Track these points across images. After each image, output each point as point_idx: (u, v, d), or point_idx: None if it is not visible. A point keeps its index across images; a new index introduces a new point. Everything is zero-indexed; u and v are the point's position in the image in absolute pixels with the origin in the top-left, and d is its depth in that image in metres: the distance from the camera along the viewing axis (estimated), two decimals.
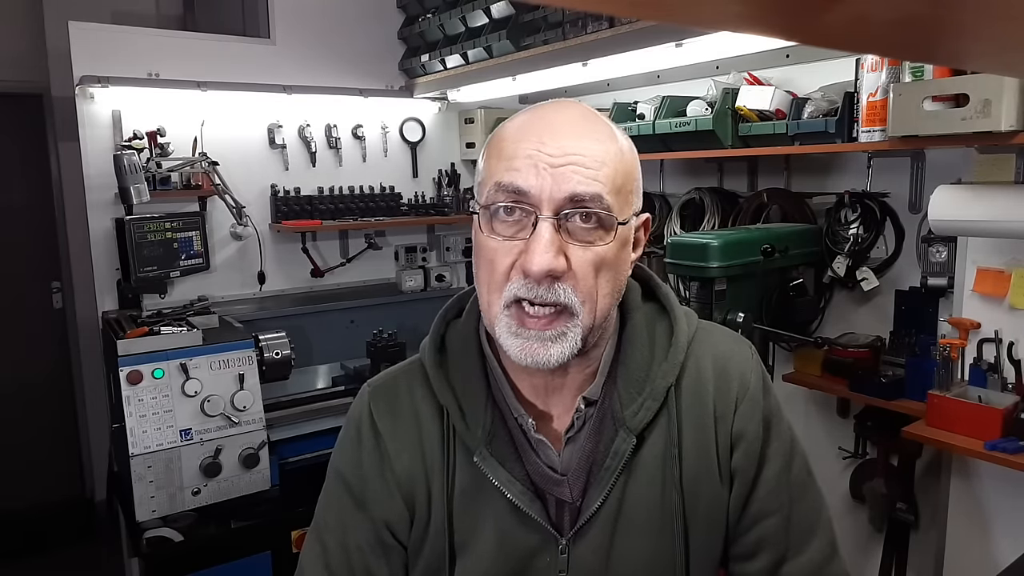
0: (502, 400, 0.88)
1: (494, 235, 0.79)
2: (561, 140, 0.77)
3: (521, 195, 0.77)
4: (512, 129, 0.81)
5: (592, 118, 0.82)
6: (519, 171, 0.77)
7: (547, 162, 0.76)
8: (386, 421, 0.90)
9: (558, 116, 0.81)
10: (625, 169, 0.80)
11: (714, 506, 0.87)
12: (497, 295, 0.79)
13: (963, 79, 1.61)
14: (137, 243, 2.50)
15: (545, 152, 0.77)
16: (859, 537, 2.30)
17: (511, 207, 0.77)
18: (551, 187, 0.76)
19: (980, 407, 1.77)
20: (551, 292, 0.76)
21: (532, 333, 0.77)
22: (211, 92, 2.85)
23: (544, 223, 0.76)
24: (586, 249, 0.77)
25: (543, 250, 0.75)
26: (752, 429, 0.88)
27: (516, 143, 0.79)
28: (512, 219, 0.78)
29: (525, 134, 0.79)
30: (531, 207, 0.77)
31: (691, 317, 0.93)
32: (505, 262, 0.78)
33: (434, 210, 3.41)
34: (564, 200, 0.76)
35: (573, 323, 0.78)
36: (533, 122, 0.81)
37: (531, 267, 0.75)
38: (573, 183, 0.76)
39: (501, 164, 0.79)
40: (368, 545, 0.89)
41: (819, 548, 0.89)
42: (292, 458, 2.48)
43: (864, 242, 2.09)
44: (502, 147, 0.80)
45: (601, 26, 2.30)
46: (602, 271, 0.78)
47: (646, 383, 0.86)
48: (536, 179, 0.76)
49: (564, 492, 0.86)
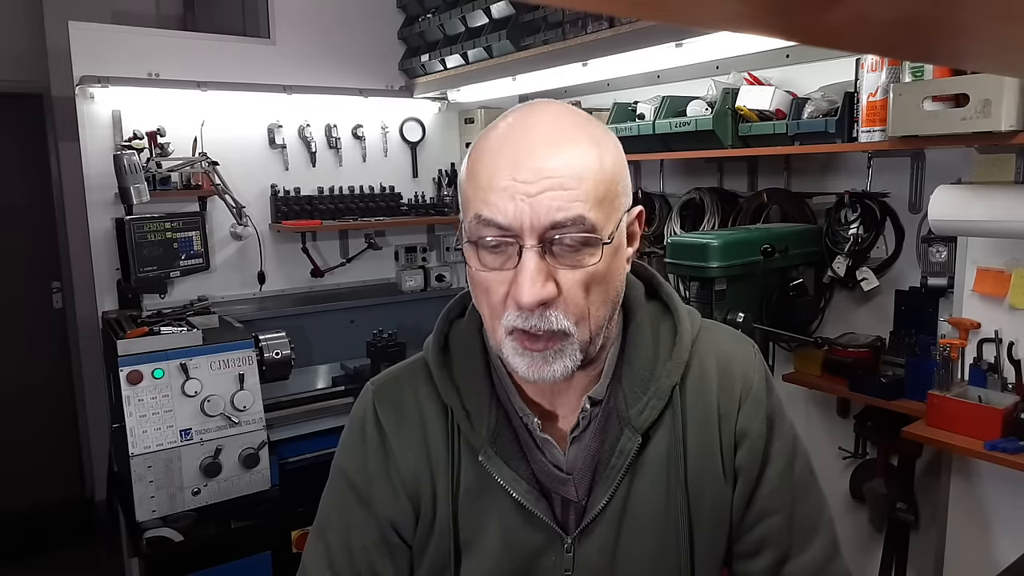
0: (506, 399, 0.88)
1: (482, 267, 0.79)
2: (535, 161, 0.75)
3: (502, 228, 0.76)
4: (487, 150, 0.79)
5: (567, 126, 0.79)
6: (496, 204, 0.75)
7: (523, 191, 0.74)
8: (391, 420, 0.90)
9: (531, 132, 0.78)
10: (607, 177, 0.78)
11: (718, 505, 0.88)
12: (498, 322, 0.79)
13: (963, 79, 1.61)
14: (137, 243, 2.50)
15: (520, 180, 0.74)
16: (859, 537, 2.30)
17: (495, 243, 0.77)
18: (530, 217, 0.74)
19: (980, 407, 1.77)
20: (543, 321, 0.76)
21: (536, 355, 0.78)
22: (211, 92, 2.85)
23: (528, 253, 0.75)
24: (574, 270, 0.77)
25: (530, 282, 0.74)
26: (756, 428, 0.88)
27: (491, 170, 0.77)
28: (498, 251, 0.77)
29: (499, 158, 0.77)
30: (513, 239, 0.76)
31: (694, 316, 0.93)
32: (500, 292, 0.78)
33: (434, 210, 3.41)
34: (545, 227, 0.75)
35: (569, 341, 0.78)
36: (506, 142, 0.78)
37: (521, 300, 0.75)
38: (552, 211, 0.74)
39: (478, 195, 0.77)
40: (373, 544, 0.89)
41: (821, 547, 0.90)
42: (292, 458, 2.48)
43: (864, 242, 2.09)
44: (478, 174, 0.78)
45: (601, 26, 2.30)
46: (593, 287, 0.78)
47: (651, 382, 0.86)
48: (514, 211, 0.74)
49: (570, 491, 0.86)
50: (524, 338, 0.78)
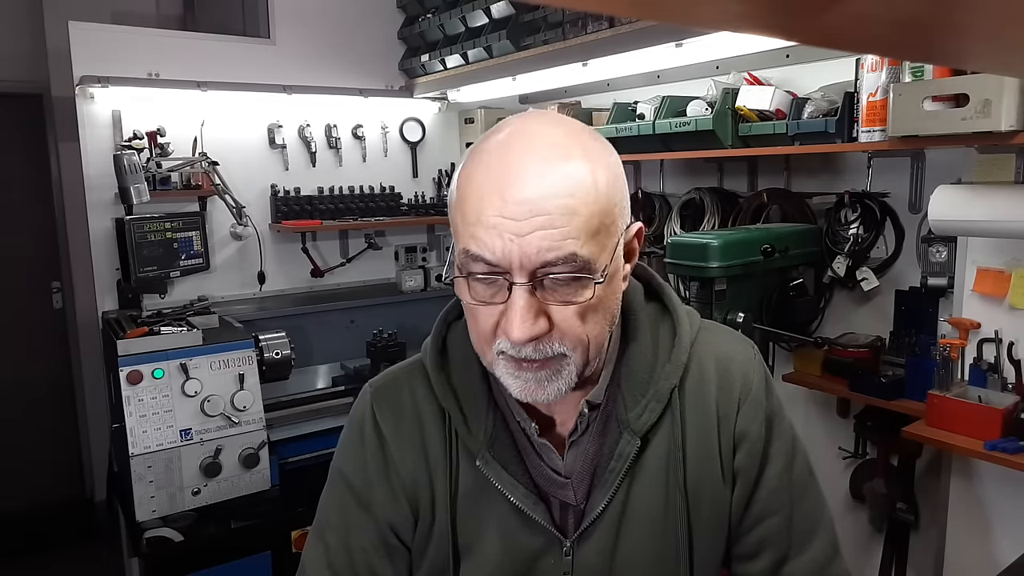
0: (504, 404, 0.88)
1: (473, 300, 0.77)
2: (524, 194, 0.71)
3: (491, 264, 0.74)
4: (474, 175, 0.75)
5: (559, 147, 0.74)
6: (484, 241, 0.73)
7: (512, 230, 0.71)
8: (389, 423, 0.90)
9: (519, 159, 0.73)
10: (601, 204, 0.74)
11: (717, 507, 0.87)
12: (488, 347, 0.79)
13: (963, 79, 1.61)
14: (137, 243, 2.50)
15: (508, 217, 0.71)
16: (859, 537, 2.30)
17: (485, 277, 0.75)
18: (519, 255, 0.72)
19: (980, 407, 1.77)
20: (537, 352, 0.75)
21: (530, 376, 0.77)
22: (211, 92, 2.85)
23: (519, 290, 0.73)
24: (566, 306, 0.75)
25: (520, 320, 0.73)
26: (755, 429, 0.88)
27: (478, 202, 0.73)
28: (488, 283, 0.75)
29: (487, 189, 0.73)
30: (503, 277, 0.74)
31: (693, 317, 0.92)
32: (489, 323, 0.77)
33: (434, 210, 3.41)
34: (535, 266, 0.72)
35: (565, 363, 0.77)
36: (492, 171, 0.74)
37: (511, 336, 0.74)
38: (543, 251, 0.71)
39: (467, 229, 0.74)
40: (372, 546, 0.89)
41: (821, 548, 0.89)
42: (292, 458, 2.48)
43: (864, 242, 2.09)
44: (465, 205, 0.75)
45: (601, 26, 2.30)
46: (588, 316, 0.76)
47: (649, 385, 0.86)
48: (502, 249, 0.72)
49: (568, 495, 0.85)
50: (518, 361, 0.77)
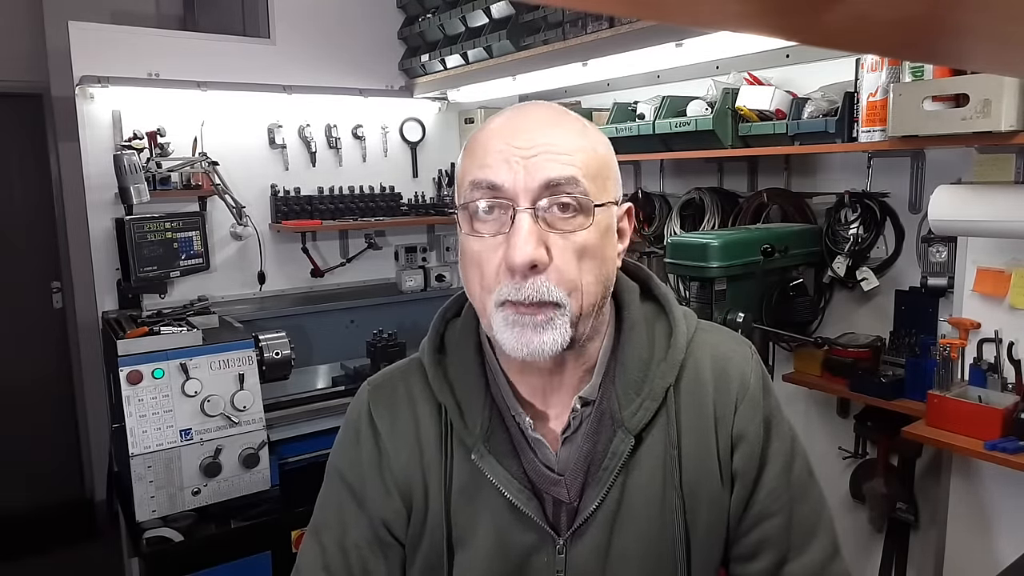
0: (500, 399, 0.88)
1: (475, 233, 0.80)
2: (531, 133, 0.79)
3: (496, 190, 0.77)
4: (485, 131, 0.83)
5: (563, 114, 0.83)
6: (491, 167, 0.78)
7: (518, 154, 0.77)
8: (384, 420, 0.91)
9: (528, 115, 0.82)
10: (599, 159, 0.81)
11: (715, 507, 0.87)
12: (489, 296, 0.80)
13: (963, 79, 1.61)
14: (137, 243, 2.50)
15: (515, 145, 0.78)
16: (859, 537, 2.30)
17: (489, 206, 0.78)
18: (524, 178, 0.77)
19: (980, 407, 1.77)
20: (535, 289, 0.77)
21: (526, 320, 0.78)
22: (211, 92, 2.85)
23: (522, 215, 0.76)
24: (566, 238, 0.78)
25: (523, 242, 0.75)
26: (752, 430, 0.87)
27: (487, 142, 0.80)
28: (491, 217, 0.79)
29: (496, 134, 0.81)
30: (507, 201, 0.77)
31: (690, 317, 0.92)
32: (492, 262, 0.78)
33: (434, 210, 3.41)
34: (539, 188, 0.77)
35: (560, 312, 0.78)
36: (503, 123, 0.82)
37: (513, 260, 0.75)
38: (547, 170, 0.77)
39: (474, 162, 0.80)
40: (366, 543, 0.90)
41: (821, 548, 0.89)
42: (292, 458, 2.48)
43: (864, 242, 2.09)
44: (474, 148, 0.82)
45: (601, 26, 2.30)
46: (584, 259, 0.79)
47: (644, 383, 0.86)
48: (509, 172, 0.77)
49: (561, 492, 0.85)
50: (516, 306, 0.78)
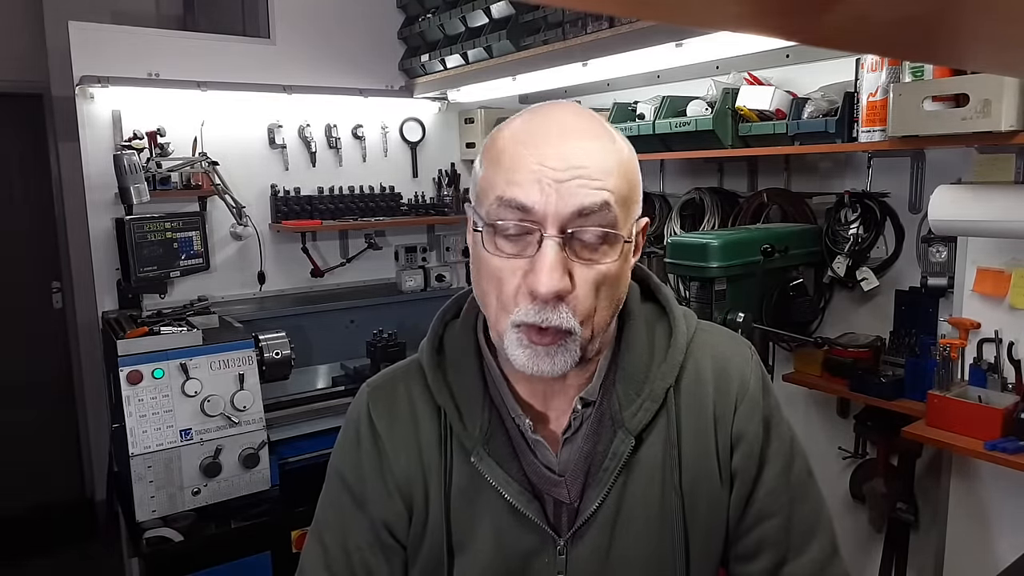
0: (500, 401, 0.88)
1: (498, 252, 0.77)
2: (564, 150, 0.75)
3: (525, 211, 0.75)
4: (511, 136, 0.79)
5: (594, 123, 0.80)
6: (522, 186, 0.75)
7: (552, 177, 0.74)
8: (384, 421, 0.90)
9: (559, 123, 0.78)
10: (629, 178, 0.79)
11: (714, 507, 0.87)
12: (505, 314, 0.78)
13: (963, 79, 1.61)
14: (137, 243, 2.50)
15: (549, 166, 0.74)
16: (859, 537, 2.30)
17: (515, 227, 0.76)
18: (556, 203, 0.74)
19: (980, 407, 1.77)
20: (555, 315, 0.76)
21: (540, 349, 0.78)
22: (211, 92, 2.85)
23: (549, 242, 0.74)
24: (590, 267, 0.76)
25: (549, 272, 0.74)
26: (752, 430, 0.87)
27: (517, 154, 0.76)
28: (517, 237, 0.76)
29: (525, 143, 0.77)
30: (535, 224, 0.75)
31: (690, 317, 0.92)
32: (512, 283, 0.77)
33: (434, 210, 3.41)
34: (570, 216, 0.74)
35: (572, 339, 0.78)
36: (533, 129, 0.78)
37: (538, 288, 0.74)
38: (580, 197, 0.74)
39: (502, 176, 0.76)
40: (368, 545, 0.90)
41: (820, 548, 0.89)
42: (292, 458, 2.48)
43: (864, 242, 2.09)
44: (502, 157, 0.78)
45: (601, 26, 2.30)
46: (602, 288, 0.78)
47: (645, 384, 0.86)
48: (540, 195, 0.74)
49: (562, 493, 0.85)
50: (531, 332, 0.77)
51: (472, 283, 0.85)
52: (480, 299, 0.84)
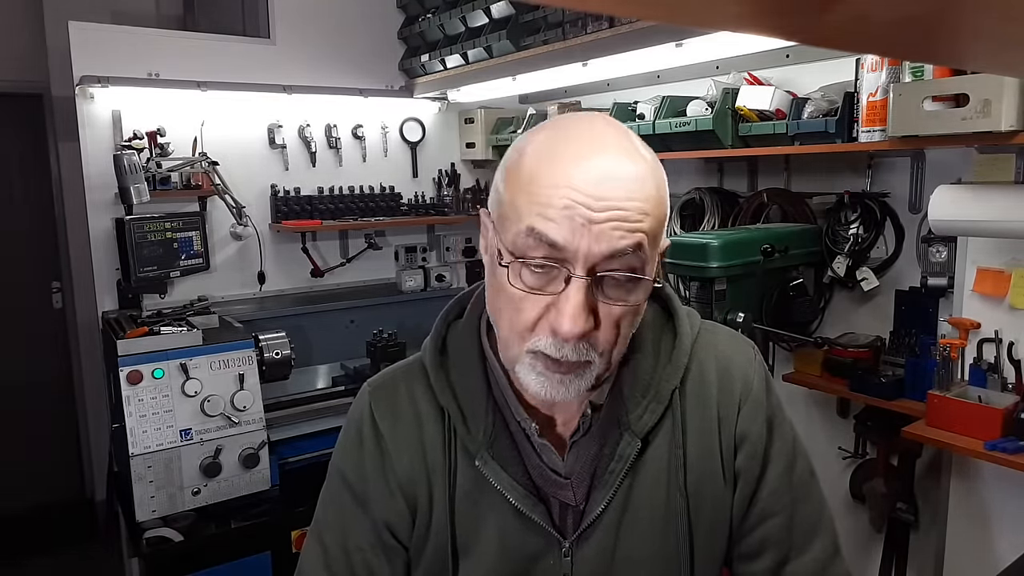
0: (504, 403, 0.87)
1: (521, 285, 0.74)
2: (601, 184, 0.71)
3: (555, 248, 0.72)
4: (541, 159, 0.74)
5: (630, 151, 0.75)
6: (555, 222, 0.71)
7: (587, 217, 0.70)
8: (387, 421, 0.90)
9: (597, 152, 0.73)
10: (662, 212, 0.76)
11: (718, 507, 0.87)
12: (520, 341, 0.77)
13: (963, 79, 1.61)
14: (137, 243, 2.50)
15: (584, 205, 0.70)
16: (859, 537, 2.30)
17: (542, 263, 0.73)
18: (589, 243, 0.70)
19: (980, 407, 1.77)
20: (576, 352, 0.75)
21: (555, 376, 0.77)
22: (211, 92, 2.85)
23: (577, 282, 0.72)
24: (614, 307, 0.75)
25: (574, 315, 0.71)
26: (755, 430, 0.88)
27: (550, 184, 0.72)
28: (542, 271, 0.73)
29: (557, 171, 0.72)
30: (563, 262, 0.72)
31: (694, 318, 0.92)
32: (531, 314, 0.75)
33: (434, 210, 3.41)
34: (601, 257, 0.72)
35: (589, 369, 0.77)
36: (566, 156, 0.73)
37: (562, 330, 0.73)
38: (614, 240, 0.71)
39: (534, 208, 0.72)
40: (369, 545, 0.89)
41: (822, 548, 0.89)
42: (292, 458, 2.48)
43: (864, 242, 2.09)
44: (532, 186, 0.73)
45: (601, 26, 2.30)
46: (623, 323, 0.77)
47: (650, 386, 0.86)
48: (573, 236, 0.70)
49: (567, 495, 0.85)
50: (547, 361, 0.76)
51: (487, 298, 0.84)
52: (493, 316, 0.82)
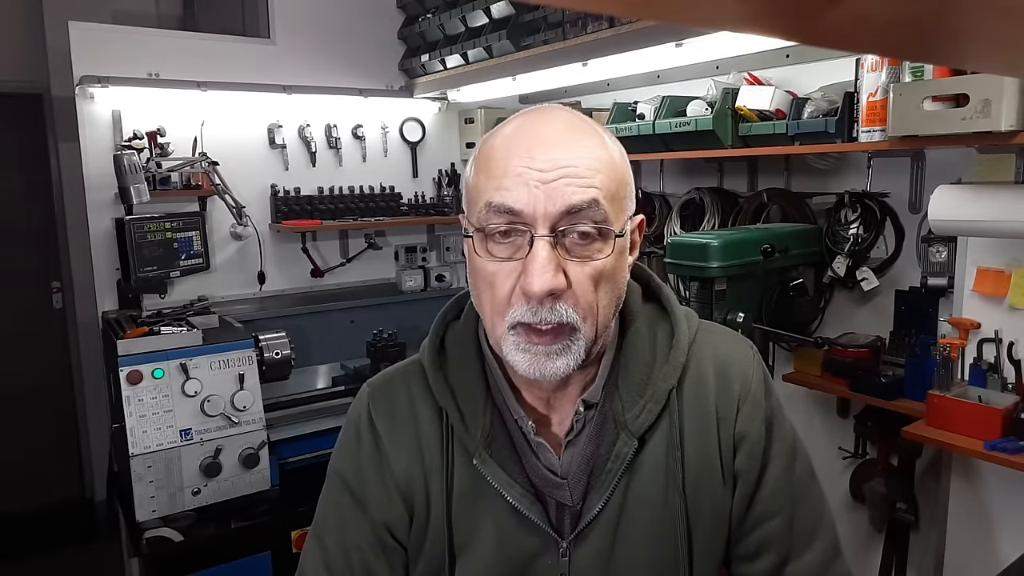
0: (502, 402, 0.87)
1: (491, 257, 0.78)
2: (550, 152, 0.75)
3: (514, 215, 0.75)
4: (498, 144, 0.79)
5: (581, 126, 0.80)
6: (509, 190, 0.75)
7: (538, 178, 0.74)
8: (384, 422, 0.90)
9: (545, 127, 0.79)
10: (618, 176, 0.79)
11: (717, 508, 0.87)
12: (500, 318, 0.78)
13: (963, 79, 1.61)
14: (137, 243, 2.50)
15: (535, 168, 0.75)
16: (859, 537, 2.30)
17: (506, 230, 0.76)
18: (544, 203, 0.74)
19: (980, 407, 1.77)
20: (553, 313, 0.76)
21: (539, 348, 0.77)
22: (211, 92, 2.85)
23: (540, 241, 0.75)
24: (584, 264, 0.76)
25: (541, 271, 0.74)
26: (754, 430, 0.87)
27: (504, 160, 0.77)
28: (508, 240, 0.77)
29: (512, 149, 0.77)
30: (525, 226, 0.75)
31: (692, 318, 0.92)
32: (506, 286, 0.77)
33: (434, 210, 3.41)
34: (559, 214, 0.75)
35: (576, 337, 0.78)
36: (519, 135, 0.78)
37: (531, 288, 0.74)
38: (567, 195, 0.74)
39: (491, 183, 0.77)
40: (368, 545, 0.89)
41: (822, 548, 0.89)
42: (292, 458, 2.48)
43: (864, 242, 2.09)
44: (490, 164, 0.78)
45: (601, 26, 2.30)
46: (601, 284, 0.78)
47: (647, 386, 0.86)
48: (528, 196, 0.74)
49: (564, 495, 0.85)
50: (529, 332, 0.77)
51: (471, 292, 0.85)
52: (477, 306, 0.84)
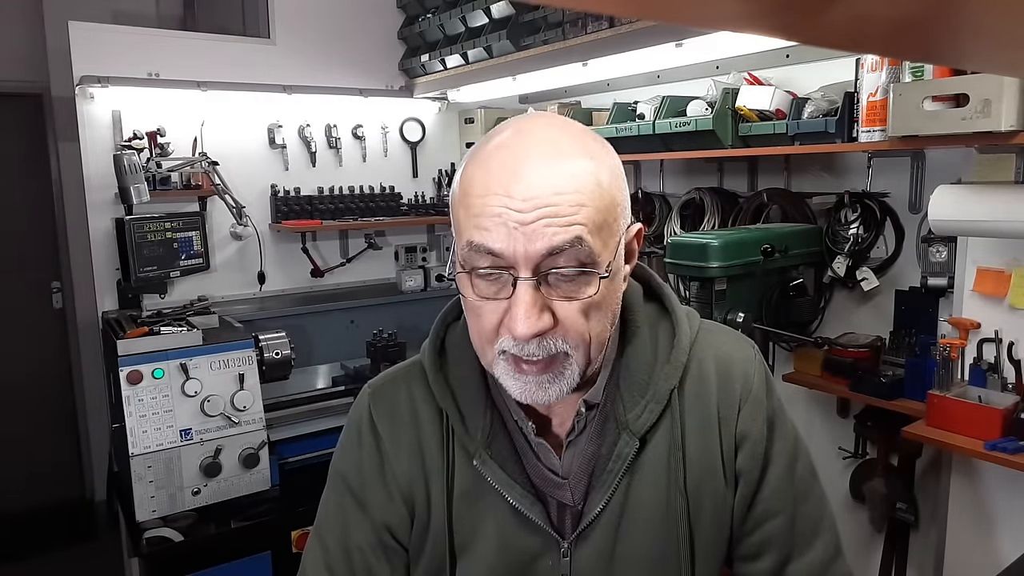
0: (502, 403, 0.87)
1: (477, 297, 0.76)
2: (530, 189, 0.71)
3: (496, 256, 0.73)
4: (477, 177, 0.75)
5: (566, 146, 0.74)
6: (489, 231, 0.72)
7: (516, 220, 0.71)
8: (385, 423, 0.90)
9: (525, 156, 0.73)
10: (606, 202, 0.74)
11: (719, 508, 0.87)
12: (490, 345, 0.78)
13: (963, 79, 1.61)
14: (137, 243, 2.50)
15: (513, 208, 0.71)
16: (859, 537, 2.30)
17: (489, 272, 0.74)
18: (524, 244, 0.71)
19: (980, 407, 1.77)
20: (541, 348, 0.75)
21: (530, 378, 0.77)
22: (211, 92, 2.85)
23: (523, 284, 0.72)
24: (570, 302, 0.74)
25: (525, 315, 0.72)
26: (756, 430, 0.87)
27: (482, 197, 0.73)
28: (491, 279, 0.75)
29: (490, 185, 0.73)
30: (507, 268, 0.73)
31: (693, 317, 0.92)
32: (492, 320, 0.76)
33: (434, 210, 3.41)
34: (540, 256, 0.71)
35: (568, 363, 0.77)
36: (499, 167, 0.73)
37: (516, 332, 0.73)
38: (548, 236, 0.71)
39: (470, 220, 0.74)
40: (369, 546, 0.90)
41: (823, 548, 0.89)
42: (292, 458, 2.48)
43: (864, 242, 2.09)
44: (469, 200, 0.74)
45: (601, 26, 2.30)
46: (592, 313, 0.76)
47: (648, 386, 0.85)
48: (508, 240, 0.71)
49: (565, 495, 0.85)
50: (519, 361, 0.76)
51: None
52: (469, 331, 0.83)
